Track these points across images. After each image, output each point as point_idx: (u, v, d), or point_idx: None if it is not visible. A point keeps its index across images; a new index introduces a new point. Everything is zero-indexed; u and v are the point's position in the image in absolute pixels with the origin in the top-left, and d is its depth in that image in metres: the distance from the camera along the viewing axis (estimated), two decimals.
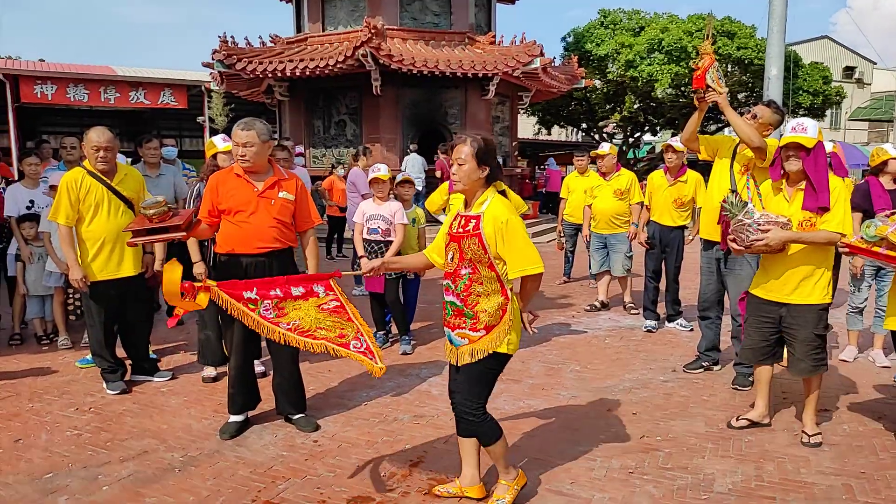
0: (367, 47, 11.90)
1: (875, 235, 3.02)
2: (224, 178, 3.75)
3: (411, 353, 5.44)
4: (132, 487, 3.17)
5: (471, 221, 2.80)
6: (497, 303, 2.79)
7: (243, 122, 3.68)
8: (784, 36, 13.61)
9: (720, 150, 4.55)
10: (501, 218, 2.74)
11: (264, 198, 3.70)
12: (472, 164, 2.79)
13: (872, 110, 33.65)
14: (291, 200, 3.81)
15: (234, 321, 3.73)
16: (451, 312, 2.90)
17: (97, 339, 4.50)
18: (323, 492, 3.13)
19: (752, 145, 4.13)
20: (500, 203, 2.81)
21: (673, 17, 20.92)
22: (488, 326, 2.79)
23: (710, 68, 4.15)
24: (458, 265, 2.84)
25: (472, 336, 2.82)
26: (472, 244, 2.76)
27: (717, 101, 4.21)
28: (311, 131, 14.38)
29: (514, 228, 2.74)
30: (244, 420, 3.87)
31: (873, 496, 3.09)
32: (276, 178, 3.77)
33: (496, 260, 2.76)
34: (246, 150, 3.62)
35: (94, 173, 4.37)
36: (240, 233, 3.66)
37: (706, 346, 4.93)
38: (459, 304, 2.84)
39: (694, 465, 3.41)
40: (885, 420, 3.99)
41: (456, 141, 2.87)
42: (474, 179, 2.82)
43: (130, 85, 17.79)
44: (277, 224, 3.74)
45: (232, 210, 3.66)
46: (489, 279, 2.78)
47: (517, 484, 3.02)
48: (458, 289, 2.83)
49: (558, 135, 31.16)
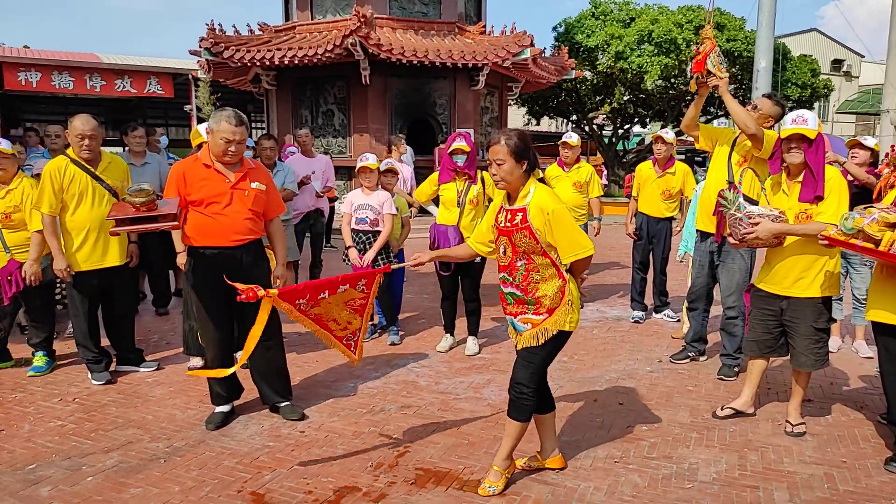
0: (356, 36, 11.83)
1: (853, 228, 3.02)
2: (191, 167, 3.65)
3: (399, 343, 5.44)
4: (116, 478, 3.15)
5: (517, 215, 2.87)
6: (556, 286, 2.88)
7: (233, 115, 3.56)
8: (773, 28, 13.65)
9: (719, 140, 4.54)
10: (547, 208, 2.80)
11: (238, 189, 3.65)
12: (511, 162, 2.84)
13: (860, 103, 33.82)
14: (263, 190, 3.78)
15: (209, 316, 3.70)
16: (511, 302, 3.00)
17: (81, 330, 4.46)
18: (309, 482, 3.13)
19: (747, 132, 4.13)
20: (544, 192, 2.86)
21: (663, 9, 20.92)
22: (550, 309, 2.89)
23: (710, 53, 4.13)
24: (512, 258, 2.92)
25: (535, 320, 2.92)
26: (524, 237, 2.84)
27: (718, 85, 4.19)
28: (298, 120, 14.30)
29: (560, 217, 2.80)
30: (230, 410, 3.86)
31: (853, 485, 3.13)
32: (245, 168, 3.71)
33: (548, 248, 2.84)
34: (238, 147, 3.58)
35: (78, 162, 4.32)
36: (215, 225, 3.59)
37: (692, 336, 4.96)
38: (520, 293, 2.93)
39: (678, 455, 3.44)
40: (867, 410, 4.04)
41: (491, 140, 2.90)
42: (516, 176, 2.87)
43: (116, 73, 17.58)
44: (252, 215, 3.70)
45: (204, 201, 3.58)
46: (544, 265, 2.87)
47: (509, 473, 3.09)
48: (517, 280, 2.93)
49: (548, 126, 31.15)
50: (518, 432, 3.02)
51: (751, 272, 4.56)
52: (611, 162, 24.02)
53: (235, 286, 3.11)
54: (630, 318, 6.24)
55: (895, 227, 2.91)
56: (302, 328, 5.85)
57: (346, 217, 5.39)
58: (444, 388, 4.42)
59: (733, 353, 4.60)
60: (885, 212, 2.98)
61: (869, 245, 2.99)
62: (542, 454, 3.24)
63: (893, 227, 2.91)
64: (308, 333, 5.67)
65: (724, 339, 4.66)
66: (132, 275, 4.76)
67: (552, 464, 3.22)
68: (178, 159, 5.83)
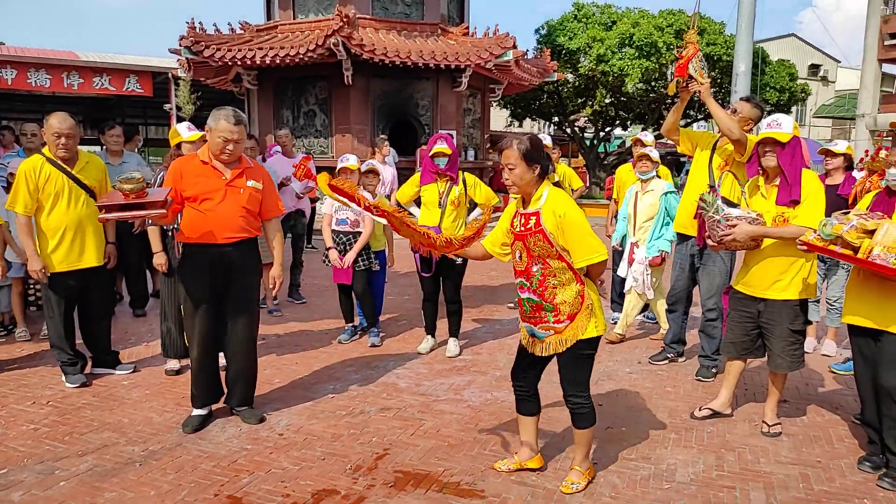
0: (338, 36, 11.78)
1: (832, 234, 3.06)
2: (188, 163, 3.67)
3: (380, 345, 5.42)
4: (90, 482, 3.10)
5: (531, 219, 2.86)
6: (574, 291, 2.87)
7: (232, 114, 3.56)
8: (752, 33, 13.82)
9: (700, 144, 4.57)
10: (559, 211, 2.79)
11: (232, 186, 3.65)
12: (523, 166, 2.83)
13: (836, 108, 34.37)
14: (259, 189, 3.77)
15: (195, 314, 3.67)
16: (528, 308, 2.98)
17: (56, 332, 4.39)
18: (287, 485, 3.11)
19: (731, 137, 4.16)
20: (557, 196, 2.85)
21: (644, 13, 21.11)
22: (571, 315, 2.88)
23: (693, 58, 4.15)
24: (528, 263, 2.91)
25: (557, 328, 2.92)
26: (538, 241, 2.83)
27: (699, 91, 4.20)
28: (280, 121, 14.21)
29: (572, 220, 2.79)
30: (207, 414, 3.82)
31: (828, 484, 3.17)
32: (243, 166, 3.72)
33: (563, 251, 2.83)
34: (236, 146, 3.58)
35: (54, 161, 4.26)
36: (207, 221, 3.58)
37: (671, 338, 5.00)
38: (537, 299, 2.92)
39: (657, 456, 3.46)
40: (841, 411, 4.10)
41: (502, 145, 2.89)
42: (527, 180, 2.86)
43: (94, 71, 17.36)
44: (245, 213, 3.69)
45: (198, 197, 3.58)
46: (561, 270, 2.85)
47: (590, 474, 3.14)
48: (534, 285, 2.91)
49: (530, 128, 31.25)
50: (588, 438, 3.10)
51: (731, 275, 4.60)
52: (592, 164, 24.17)
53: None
54: (610, 320, 6.27)
55: (873, 233, 2.95)
56: (281, 330, 5.84)
57: (327, 218, 5.37)
58: (425, 389, 4.41)
59: (711, 355, 4.65)
60: (863, 219, 3.02)
61: (847, 252, 3.02)
62: (520, 455, 3.26)
63: (871, 234, 2.95)
64: (288, 335, 5.67)
65: (703, 340, 4.70)
66: (109, 276, 4.69)
67: (531, 464, 3.24)
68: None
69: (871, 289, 3.16)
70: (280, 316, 6.32)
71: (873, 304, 3.17)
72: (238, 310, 3.78)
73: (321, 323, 6.10)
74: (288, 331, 5.85)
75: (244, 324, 3.79)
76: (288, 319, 6.23)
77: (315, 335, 5.72)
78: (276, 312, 6.40)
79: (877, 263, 2.91)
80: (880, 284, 3.08)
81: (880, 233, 2.91)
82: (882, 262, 2.89)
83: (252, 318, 3.85)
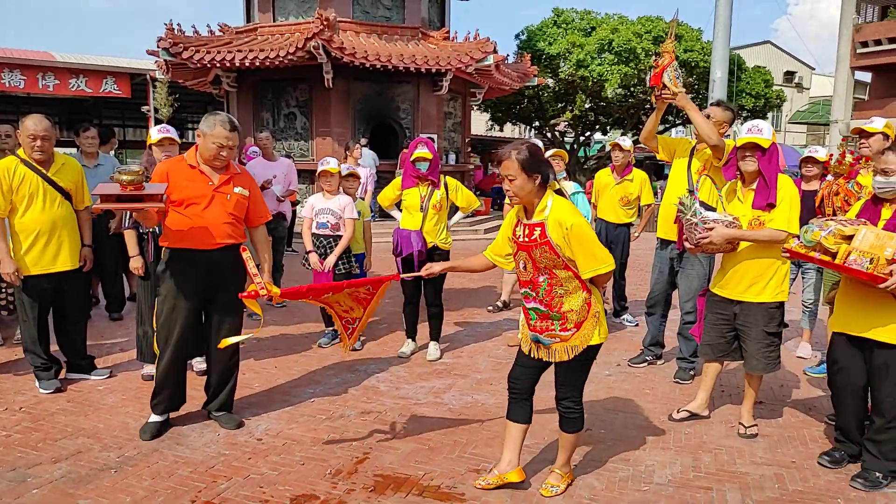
0: (318, 39, 11.74)
1: (811, 240, 3.11)
2: (176, 166, 3.63)
3: (360, 348, 5.40)
4: (64, 489, 3.05)
5: (535, 230, 2.81)
6: (581, 299, 2.85)
7: (227, 120, 3.56)
8: (728, 40, 14.04)
9: (678, 151, 4.62)
10: (566, 223, 2.75)
11: (220, 192, 3.62)
12: (523, 177, 2.78)
13: (811, 114, 35.00)
14: (246, 196, 3.75)
15: (174, 318, 3.63)
16: (535, 317, 2.95)
17: (30, 335, 4.31)
18: (266, 490, 3.09)
19: (710, 142, 4.21)
20: (562, 206, 2.81)
21: (623, 19, 21.29)
22: (577, 323, 2.87)
23: (668, 67, 4.19)
24: (534, 273, 2.88)
25: (563, 336, 2.90)
26: (544, 252, 2.80)
27: (673, 100, 4.22)
28: (259, 123, 14.10)
29: (579, 231, 2.76)
30: (165, 420, 3.76)
31: (802, 484, 3.22)
32: (230, 172, 3.70)
33: (569, 261, 2.80)
34: (230, 152, 3.59)
35: (29, 163, 4.19)
36: (193, 226, 3.55)
37: (650, 340, 5.05)
38: (544, 308, 2.89)
39: (635, 457, 3.49)
40: (815, 412, 4.16)
41: (500, 156, 2.83)
42: (528, 190, 2.81)
43: (71, 72, 17.11)
44: (232, 220, 3.66)
45: (185, 202, 3.54)
46: (567, 279, 2.83)
47: (569, 478, 3.16)
48: (541, 295, 2.89)
49: (511, 132, 31.40)
50: (574, 443, 3.10)
51: (709, 278, 4.67)
52: (572, 168, 24.31)
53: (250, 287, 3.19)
54: None
55: (851, 239, 3.00)
56: (260, 334, 5.79)
57: (307, 221, 5.35)
58: (405, 393, 4.41)
59: (689, 357, 4.70)
60: (841, 224, 3.07)
61: (826, 258, 3.08)
62: (499, 466, 3.14)
63: (849, 240, 3.00)
64: (266, 339, 5.63)
65: (681, 343, 4.75)
66: (84, 279, 4.62)
67: (511, 477, 3.12)
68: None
69: (855, 297, 3.21)
70: (259, 320, 6.26)
71: (857, 312, 3.22)
72: (223, 315, 3.75)
73: (301, 326, 6.07)
74: (267, 335, 5.81)
75: (228, 330, 3.76)
76: (267, 323, 6.18)
77: (295, 339, 5.69)
78: (255, 316, 6.34)
79: (853, 268, 2.96)
80: (863, 292, 3.13)
81: (857, 238, 2.97)
82: (857, 266, 2.94)
83: (236, 323, 3.83)
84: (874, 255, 2.91)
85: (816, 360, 5.15)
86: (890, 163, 3.14)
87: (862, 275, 2.95)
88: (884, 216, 3.19)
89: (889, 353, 3.13)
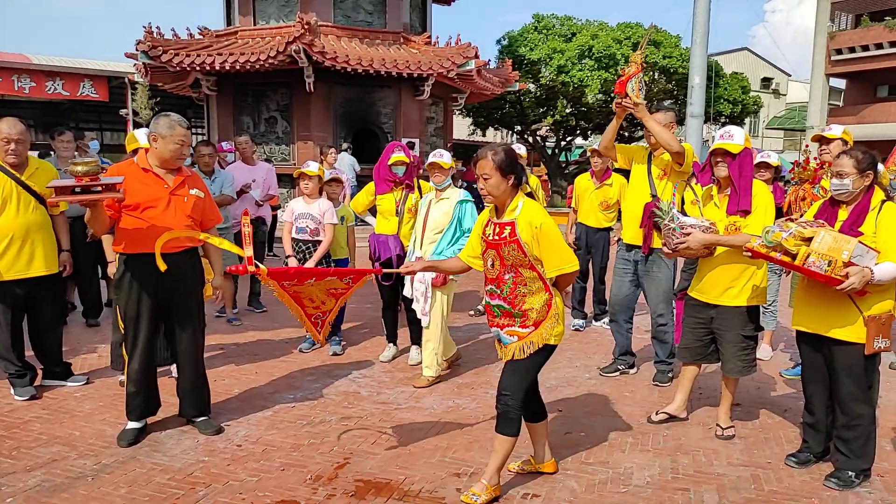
0: (299, 43, 11.72)
1: (772, 241, 3.17)
2: (127, 169, 3.57)
3: (342, 353, 5.39)
4: (38, 498, 3.01)
5: (505, 228, 2.92)
6: (543, 299, 2.94)
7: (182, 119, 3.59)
8: (706, 47, 14.23)
9: (635, 157, 4.70)
10: (536, 222, 2.86)
11: (176, 195, 3.59)
12: (497, 176, 2.88)
13: (787, 119, 35.55)
14: (202, 198, 3.73)
15: (138, 325, 3.59)
16: (498, 314, 3.03)
17: (3, 342, 4.24)
18: (245, 497, 3.06)
19: (671, 150, 4.28)
20: (532, 207, 2.93)
21: (603, 25, 21.51)
22: (536, 322, 2.94)
23: (633, 77, 4.25)
24: (500, 271, 2.96)
25: (521, 333, 2.97)
26: (512, 250, 2.89)
27: (633, 110, 4.23)
28: (239, 127, 14.03)
29: (548, 231, 2.87)
30: (143, 427, 3.72)
31: (777, 485, 3.26)
32: (184, 174, 3.67)
33: (535, 261, 2.89)
34: (187, 150, 3.61)
35: (2, 167, 4.13)
36: (151, 230, 3.48)
37: (620, 351, 4.99)
38: (507, 306, 2.98)
39: (614, 460, 3.52)
40: (790, 413, 4.22)
41: (478, 156, 2.94)
42: (502, 190, 2.92)
43: (47, 74, 16.90)
44: (191, 222, 3.63)
45: (141, 206, 3.49)
46: (532, 279, 2.92)
47: (495, 492, 3.05)
48: (504, 292, 2.97)
49: (493, 136, 31.52)
50: (506, 447, 3.01)
51: (674, 279, 4.73)
52: (553, 173, 24.45)
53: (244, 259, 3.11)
54: (570, 326, 6.35)
55: (811, 241, 3.06)
56: (240, 339, 5.75)
57: (287, 225, 5.33)
58: (386, 398, 4.40)
59: (666, 359, 4.74)
60: (802, 226, 3.13)
61: (787, 259, 3.13)
62: (535, 459, 3.32)
63: (809, 242, 3.06)
64: (246, 344, 5.59)
65: (656, 346, 4.79)
66: (59, 284, 4.56)
67: (546, 468, 3.30)
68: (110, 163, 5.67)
69: (814, 295, 3.27)
70: (239, 325, 6.23)
71: (815, 311, 3.29)
72: (184, 320, 3.72)
73: (281, 332, 6.03)
74: (247, 340, 5.77)
75: (191, 333, 3.74)
76: (247, 328, 6.14)
77: (275, 344, 5.66)
78: (236, 321, 6.31)
79: (812, 270, 3.03)
80: (821, 291, 3.19)
81: (816, 240, 3.03)
82: (816, 268, 3.01)
83: (198, 326, 3.80)
84: (832, 257, 2.98)
85: (792, 363, 5.22)
86: (844, 166, 3.21)
87: (819, 276, 3.01)
88: (840, 217, 3.26)
89: (847, 350, 3.19)
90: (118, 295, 3.64)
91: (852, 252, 2.98)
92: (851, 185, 3.20)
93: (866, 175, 3.20)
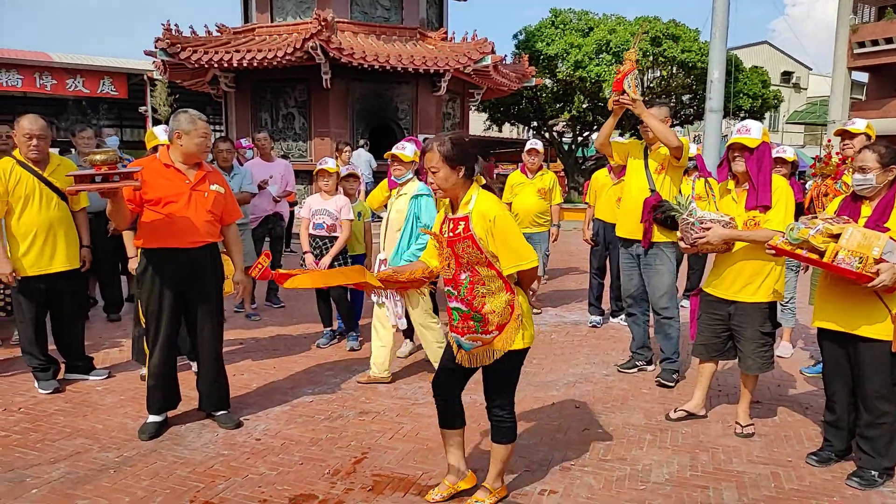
0: (316, 39, 11.74)
1: (798, 238, 3.12)
2: (150, 165, 3.62)
3: (359, 349, 5.41)
4: (62, 489, 3.06)
5: (459, 224, 2.70)
6: (504, 300, 2.72)
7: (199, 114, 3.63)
8: (726, 41, 14.05)
9: (631, 153, 4.69)
10: (489, 216, 2.66)
11: (197, 190, 3.63)
12: (445, 169, 2.68)
13: (808, 114, 35.05)
14: (223, 193, 3.76)
15: (159, 320, 3.63)
16: (457, 318, 2.80)
17: (27, 337, 4.32)
18: (264, 490, 3.09)
19: (671, 145, 4.27)
20: (486, 199, 2.71)
21: (620, 19, 21.32)
22: (500, 326, 2.73)
23: (629, 74, 4.25)
24: (456, 270, 2.75)
25: (484, 338, 2.75)
26: (466, 246, 2.67)
27: (631, 106, 4.24)
28: (257, 123, 14.10)
29: (503, 224, 2.66)
30: (164, 420, 3.77)
31: (798, 483, 3.23)
32: (205, 170, 3.71)
33: (493, 258, 2.68)
34: (209, 143, 3.67)
35: (24, 163, 4.20)
36: (173, 225, 3.54)
37: (637, 345, 4.97)
38: (466, 308, 2.75)
39: (632, 457, 3.50)
40: (811, 411, 4.18)
41: (424, 147, 2.73)
42: (452, 183, 2.71)
43: (68, 72, 17.12)
44: (211, 218, 3.67)
45: (162, 200, 3.53)
46: (490, 278, 2.70)
47: (499, 495, 3.01)
48: (462, 294, 2.74)
49: (509, 132, 31.43)
50: (505, 454, 2.95)
51: (677, 272, 4.69)
52: (570, 169, 24.34)
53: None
54: (588, 323, 6.33)
55: (838, 237, 3.01)
56: (259, 334, 5.80)
57: (304, 222, 5.36)
58: (403, 393, 4.41)
59: (671, 356, 4.65)
60: (829, 223, 3.08)
61: (814, 256, 3.09)
62: (450, 472, 3.06)
63: (836, 238, 3.02)
64: (265, 339, 5.64)
65: (661, 341, 4.71)
66: (81, 280, 4.63)
67: (463, 485, 3.06)
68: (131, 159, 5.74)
69: (838, 293, 3.23)
70: (258, 320, 6.28)
71: (840, 308, 3.24)
72: (205, 315, 3.76)
73: (299, 327, 6.07)
74: (266, 335, 5.81)
75: (211, 328, 3.78)
76: (266, 324, 6.19)
77: (293, 339, 5.70)
78: (255, 317, 6.36)
79: (841, 267, 2.98)
80: (846, 288, 3.15)
81: (844, 237, 2.98)
82: (847, 265, 2.96)
83: (219, 321, 3.84)
84: (862, 254, 2.93)
85: (813, 360, 5.16)
86: (867, 160, 3.16)
87: (850, 273, 2.97)
88: (863, 213, 3.20)
89: (874, 348, 3.14)
90: (140, 289, 3.69)
91: (883, 248, 2.93)
92: (874, 179, 3.15)
93: (889, 170, 3.15)
